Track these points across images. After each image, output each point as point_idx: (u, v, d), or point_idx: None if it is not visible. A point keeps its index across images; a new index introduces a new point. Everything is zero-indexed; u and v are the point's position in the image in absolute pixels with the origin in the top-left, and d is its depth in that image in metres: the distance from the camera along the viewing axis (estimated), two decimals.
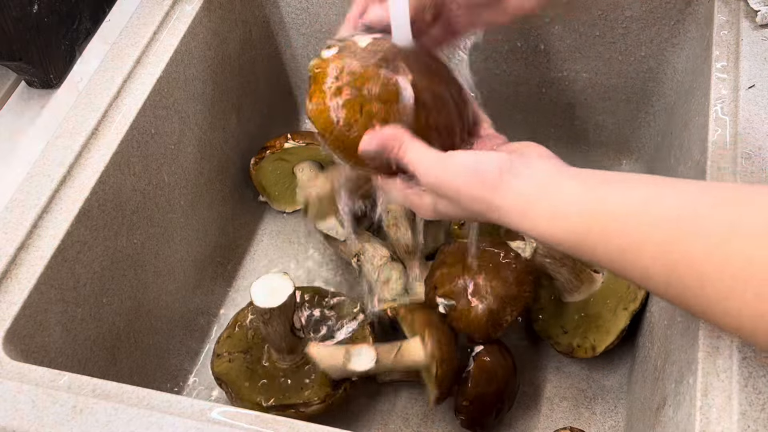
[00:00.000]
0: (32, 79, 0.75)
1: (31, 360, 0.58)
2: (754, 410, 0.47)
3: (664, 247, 0.42)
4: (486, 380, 0.70)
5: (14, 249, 0.60)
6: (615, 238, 0.45)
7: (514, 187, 0.50)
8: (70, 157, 0.65)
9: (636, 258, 0.44)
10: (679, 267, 0.42)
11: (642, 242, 0.44)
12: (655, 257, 0.43)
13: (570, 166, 0.52)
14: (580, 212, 0.47)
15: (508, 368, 0.72)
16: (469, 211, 0.52)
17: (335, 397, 0.70)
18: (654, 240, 0.43)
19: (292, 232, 0.92)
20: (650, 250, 0.43)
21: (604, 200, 0.46)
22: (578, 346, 0.75)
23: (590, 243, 0.46)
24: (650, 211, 0.44)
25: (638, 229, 0.44)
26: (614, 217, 0.45)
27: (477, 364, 0.70)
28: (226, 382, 0.74)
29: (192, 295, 0.82)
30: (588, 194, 0.47)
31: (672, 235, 0.42)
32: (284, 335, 0.70)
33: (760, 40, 0.66)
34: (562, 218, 0.47)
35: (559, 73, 0.86)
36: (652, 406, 0.62)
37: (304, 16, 0.89)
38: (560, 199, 0.48)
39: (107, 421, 0.51)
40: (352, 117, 0.52)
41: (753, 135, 0.59)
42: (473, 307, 0.70)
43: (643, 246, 0.44)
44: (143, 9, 0.76)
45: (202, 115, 0.79)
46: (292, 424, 0.50)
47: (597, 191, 0.47)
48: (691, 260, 0.41)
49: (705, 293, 0.41)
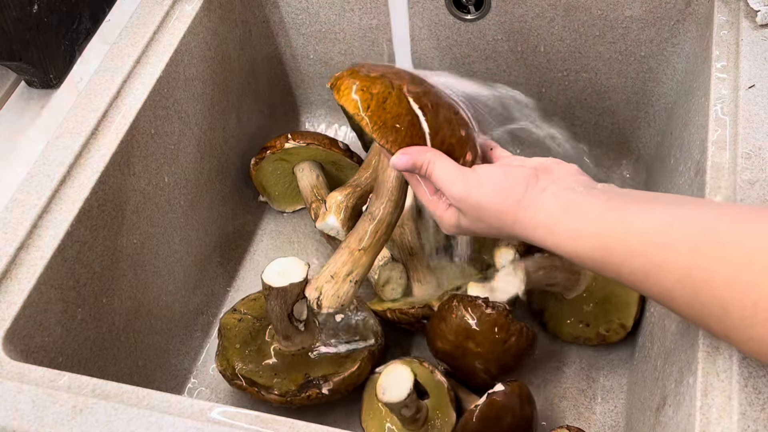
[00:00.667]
0: (32, 79, 0.75)
1: (31, 360, 0.58)
2: (754, 410, 0.47)
3: (685, 272, 0.43)
4: (494, 418, 0.68)
5: (14, 249, 0.60)
6: (638, 259, 0.45)
7: (539, 204, 0.51)
8: (70, 157, 0.65)
9: (658, 281, 0.44)
10: (701, 291, 0.42)
11: (664, 264, 0.44)
12: (677, 281, 0.43)
13: (596, 182, 0.53)
14: (601, 233, 0.48)
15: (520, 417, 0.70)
16: (491, 226, 0.53)
17: (295, 397, 0.70)
18: (676, 264, 0.43)
19: (292, 232, 0.92)
20: (673, 272, 0.44)
21: (626, 221, 0.47)
22: (608, 332, 0.76)
23: (614, 263, 0.47)
24: (673, 233, 0.44)
25: (661, 252, 0.44)
26: (637, 238, 0.46)
27: (488, 401, 0.68)
28: (224, 335, 0.76)
29: (192, 295, 0.82)
30: (611, 215, 0.48)
31: (694, 258, 0.42)
32: (279, 317, 0.70)
33: (760, 40, 0.66)
34: (586, 238, 0.48)
35: (559, 73, 0.86)
36: (652, 406, 0.62)
37: (304, 16, 0.89)
38: (584, 218, 0.49)
39: (107, 421, 0.51)
40: (386, 91, 0.55)
41: (753, 135, 0.59)
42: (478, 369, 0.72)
43: (664, 269, 0.44)
44: (143, 9, 0.76)
45: (202, 115, 0.79)
46: (292, 424, 0.50)
47: (620, 212, 0.47)
48: (714, 285, 0.41)
49: (728, 318, 0.41)
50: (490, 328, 0.70)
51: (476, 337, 0.70)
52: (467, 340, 0.70)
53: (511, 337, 0.70)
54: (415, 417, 0.70)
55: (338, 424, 0.76)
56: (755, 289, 0.39)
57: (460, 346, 0.71)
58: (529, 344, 0.72)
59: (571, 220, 0.49)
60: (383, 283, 0.79)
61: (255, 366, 0.73)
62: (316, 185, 0.86)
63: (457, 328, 0.70)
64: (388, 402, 0.65)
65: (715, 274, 0.41)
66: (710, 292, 0.42)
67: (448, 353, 0.73)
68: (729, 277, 0.41)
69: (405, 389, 0.65)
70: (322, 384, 0.71)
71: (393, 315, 0.76)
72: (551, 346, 0.80)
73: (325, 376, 0.71)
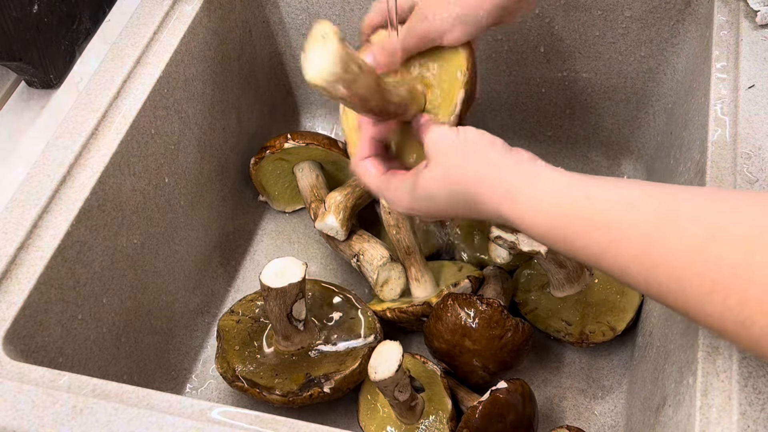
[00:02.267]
0: (32, 79, 0.75)
1: (31, 360, 0.58)
2: (754, 410, 0.47)
3: (644, 248, 0.43)
4: (497, 415, 0.68)
5: (14, 249, 0.60)
6: (595, 233, 0.45)
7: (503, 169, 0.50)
8: (70, 157, 0.65)
9: (615, 255, 0.44)
10: (658, 269, 0.42)
11: (622, 240, 0.44)
12: (635, 256, 0.43)
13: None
14: (561, 204, 0.47)
15: (522, 415, 0.70)
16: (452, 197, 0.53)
17: (297, 397, 0.70)
18: (635, 240, 0.43)
19: (292, 232, 0.92)
20: (630, 249, 0.43)
21: (587, 195, 0.46)
22: (592, 332, 0.76)
23: (571, 236, 0.46)
24: (633, 210, 0.44)
25: (619, 227, 0.44)
26: (596, 211, 0.45)
27: (491, 398, 0.68)
28: (222, 338, 0.76)
29: (192, 295, 0.82)
30: (572, 187, 0.47)
31: (653, 236, 0.42)
32: (279, 318, 0.70)
33: (760, 40, 0.66)
34: (545, 209, 0.48)
35: (559, 73, 0.86)
36: (652, 406, 0.62)
37: (304, 16, 0.89)
38: (545, 189, 0.48)
39: (107, 421, 0.51)
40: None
41: (753, 135, 0.59)
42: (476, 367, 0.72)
43: (623, 244, 0.44)
44: (143, 9, 0.76)
45: (202, 115, 0.79)
46: (292, 424, 0.50)
47: (582, 185, 0.47)
48: (671, 263, 0.41)
49: (685, 296, 0.41)
50: (485, 325, 0.70)
51: (472, 334, 0.70)
52: (464, 338, 0.70)
53: (506, 332, 0.70)
54: (411, 404, 0.69)
55: (338, 424, 0.77)
56: (714, 269, 0.39)
57: (457, 345, 0.71)
58: (526, 339, 0.72)
59: (535, 189, 0.49)
60: (382, 283, 0.79)
61: (255, 367, 0.73)
62: (315, 185, 0.86)
63: (453, 326, 0.71)
64: (381, 380, 0.65)
65: (672, 251, 0.41)
66: (668, 270, 0.42)
67: (446, 352, 0.73)
68: (687, 255, 0.41)
69: (395, 362, 0.65)
70: (324, 382, 0.71)
71: (393, 314, 0.76)
72: (551, 346, 0.80)
73: (327, 375, 0.71)
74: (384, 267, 0.78)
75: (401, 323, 0.78)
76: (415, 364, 0.74)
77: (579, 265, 0.76)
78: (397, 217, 0.78)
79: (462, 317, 0.70)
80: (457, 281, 0.76)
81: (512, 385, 0.68)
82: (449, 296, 0.72)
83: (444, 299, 0.72)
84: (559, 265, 0.74)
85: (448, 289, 0.75)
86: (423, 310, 0.75)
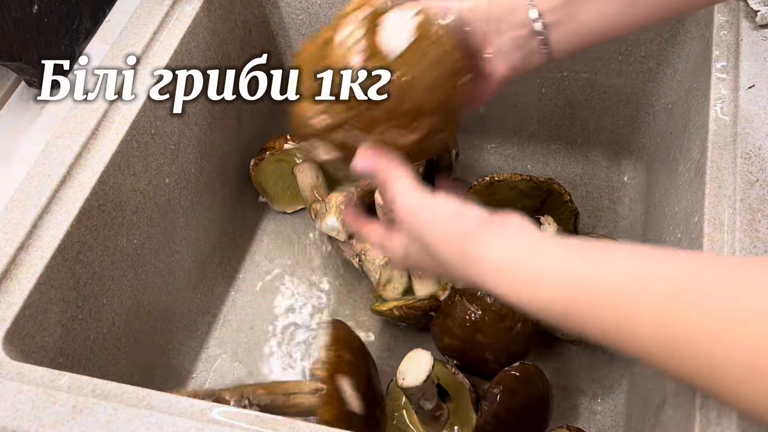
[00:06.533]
0: (32, 79, 0.75)
1: (31, 360, 0.58)
2: None
3: (664, 321, 0.38)
4: (525, 381, 0.69)
5: (14, 249, 0.60)
6: (608, 309, 0.40)
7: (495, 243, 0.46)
8: (70, 157, 0.65)
9: (632, 332, 0.39)
10: (680, 344, 0.38)
11: (638, 315, 0.39)
12: (654, 332, 0.38)
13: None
14: (566, 278, 0.42)
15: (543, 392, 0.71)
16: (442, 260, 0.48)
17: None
18: (652, 313, 0.38)
19: (292, 232, 0.92)
20: (648, 323, 0.38)
21: (593, 267, 0.42)
22: None
23: (579, 314, 0.41)
24: (645, 280, 0.39)
25: (633, 300, 0.39)
26: (605, 285, 0.41)
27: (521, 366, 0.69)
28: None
29: (192, 295, 0.82)
30: (575, 260, 0.43)
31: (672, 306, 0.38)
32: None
33: (760, 40, 0.66)
34: (547, 285, 0.43)
35: (559, 73, 0.86)
36: (652, 406, 0.62)
37: (304, 16, 0.89)
38: (544, 262, 0.43)
39: (107, 421, 0.50)
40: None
41: (753, 135, 0.59)
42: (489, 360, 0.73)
43: (639, 319, 0.39)
44: (143, 9, 0.76)
45: (202, 115, 0.79)
46: (292, 424, 0.50)
47: (585, 257, 0.43)
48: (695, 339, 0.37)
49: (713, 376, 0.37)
50: (496, 318, 0.70)
51: (483, 328, 0.70)
52: (475, 332, 0.70)
53: (517, 323, 0.70)
54: (435, 414, 0.69)
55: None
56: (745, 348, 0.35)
57: (469, 340, 0.71)
58: (536, 329, 0.72)
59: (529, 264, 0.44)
60: (384, 283, 0.79)
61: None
62: (315, 185, 0.86)
63: (463, 322, 0.71)
64: (407, 387, 0.65)
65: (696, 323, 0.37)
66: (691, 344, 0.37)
67: (457, 348, 0.73)
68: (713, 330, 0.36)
69: (424, 372, 0.65)
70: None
71: (400, 312, 0.76)
72: (551, 346, 0.80)
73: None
74: (386, 266, 0.78)
75: (408, 320, 0.78)
76: (445, 373, 0.74)
77: None
78: None
79: (471, 312, 0.70)
80: None
81: (528, 365, 0.70)
82: (456, 292, 0.72)
83: (451, 296, 0.72)
84: None
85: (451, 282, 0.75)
86: (430, 304, 0.75)
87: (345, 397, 0.64)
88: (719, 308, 0.36)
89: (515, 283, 0.44)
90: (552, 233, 0.52)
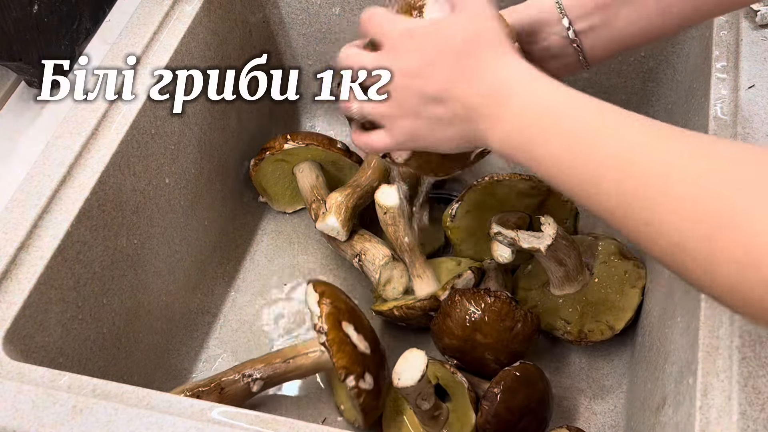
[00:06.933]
0: (32, 79, 0.75)
1: (31, 360, 0.58)
2: (753, 410, 0.47)
3: (622, 172, 0.41)
4: (525, 380, 0.69)
5: (14, 249, 0.60)
6: (572, 140, 0.43)
7: (503, 64, 0.47)
8: (70, 157, 0.65)
9: (584, 166, 0.42)
10: (632, 198, 0.40)
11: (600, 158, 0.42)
12: (612, 183, 0.41)
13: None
14: (548, 105, 0.45)
15: (543, 391, 0.71)
16: (456, 49, 0.48)
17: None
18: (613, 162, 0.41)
19: (292, 232, 0.92)
20: (606, 163, 0.41)
21: (581, 104, 0.44)
22: (591, 331, 0.76)
23: (543, 137, 0.44)
24: (618, 131, 0.42)
25: (600, 144, 0.42)
26: (579, 122, 0.43)
27: (521, 365, 0.69)
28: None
29: (192, 295, 0.82)
30: (563, 93, 0.45)
31: (633, 161, 0.41)
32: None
33: (760, 40, 0.66)
34: (529, 109, 0.45)
35: None
36: (652, 406, 0.62)
37: (304, 16, 0.89)
38: (535, 89, 0.46)
39: (107, 421, 0.51)
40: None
41: (753, 135, 0.59)
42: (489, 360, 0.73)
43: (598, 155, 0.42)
44: (143, 9, 0.76)
45: (202, 115, 0.79)
46: (292, 424, 0.50)
47: (574, 96, 0.45)
48: (646, 193, 0.39)
49: (655, 227, 0.39)
50: (496, 318, 0.70)
51: (483, 328, 0.70)
52: (475, 332, 0.70)
53: (517, 323, 0.70)
54: (434, 414, 0.69)
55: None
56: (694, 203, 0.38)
57: (468, 340, 0.71)
58: (535, 328, 0.72)
59: (523, 89, 0.46)
60: (384, 283, 0.79)
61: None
62: (315, 185, 0.86)
63: (463, 321, 0.71)
64: (403, 387, 0.65)
65: (649, 181, 0.40)
66: (642, 199, 0.40)
67: (457, 348, 0.73)
68: (663, 189, 0.39)
69: (418, 371, 0.65)
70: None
71: (400, 312, 0.76)
72: (551, 346, 0.80)
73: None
74: (386, 266, 0.78)
75: (408, 320, 0.78)
76: (444, 373, 0.74)
77: (579, 263, 0.76)
78: (393, 215, 0.77)
79: (471, 312, 0.70)
80: (460, 273, 0.76)
81: (528, 365, 0.70)
82: (456, 292, 0.72)
83: (451, 296, 0.72)
84: (558, 263, 0.74)
85: (452, 281, 0.75)
86: (430, 305, 0.75)
87: (353, 341, 0.69)
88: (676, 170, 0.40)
89: (501, 117, 0.46)
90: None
